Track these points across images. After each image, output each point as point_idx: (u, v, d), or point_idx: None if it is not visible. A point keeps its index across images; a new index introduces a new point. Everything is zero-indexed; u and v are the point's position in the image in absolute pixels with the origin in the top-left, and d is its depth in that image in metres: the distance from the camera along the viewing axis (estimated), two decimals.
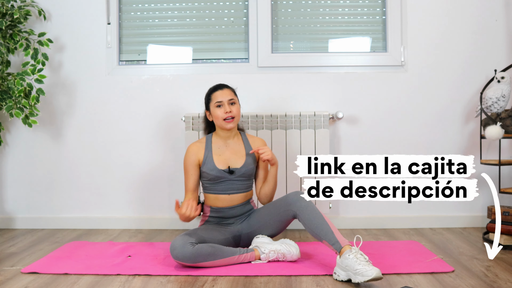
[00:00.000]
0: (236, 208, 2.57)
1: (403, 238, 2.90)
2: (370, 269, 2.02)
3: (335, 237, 2.19)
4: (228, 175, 2.53)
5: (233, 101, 2.55)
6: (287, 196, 2.43)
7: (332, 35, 3.31)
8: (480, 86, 3.15)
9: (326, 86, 3.21)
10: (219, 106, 2.53)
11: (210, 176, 2.53)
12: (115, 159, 3.25)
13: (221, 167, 2.53)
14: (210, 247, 2.29)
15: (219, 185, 2.54)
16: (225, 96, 2.54)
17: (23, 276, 2.25)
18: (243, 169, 2.55)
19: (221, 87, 2.59)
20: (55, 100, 3.26)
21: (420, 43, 3.20)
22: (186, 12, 3.33)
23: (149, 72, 3.29)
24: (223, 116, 2.51)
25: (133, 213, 3.25)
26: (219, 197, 2.55)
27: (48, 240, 2.94)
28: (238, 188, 2.56)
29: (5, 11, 2.99)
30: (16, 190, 3.29)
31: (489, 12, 3.17)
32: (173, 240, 2.28)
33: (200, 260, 2.25)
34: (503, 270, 2.26)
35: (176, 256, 2.25)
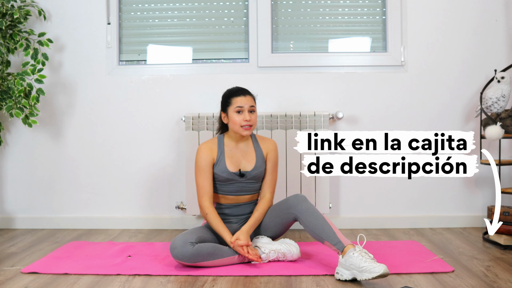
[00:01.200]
0: (241, 206, 2.57)
1: (403, 238, 2.90)
2: (377, 265, 2.02)
3: (337, 237, 2.19)
4: (239, 178, 2.51)
5: (253, 109, 2.49)
6: (288, 199, 2.43)
7: (332, 35, 3.31)
8: (480, 86, 3.15)
9: (326, 86, 3.21)
10: (239, 112, 2.46)
11: (220, 178, 2.51)
12: (115, 159, 3.25)
13: (232, 169, 2.50)
14: (210, 246, 2.29)
15: (229, 186, 2.53)
16: (247, 103, 2.47)
17: (23, 276, 2.25)
18: (254, 172, 2.52)
19: (244, 92, 2.51)
20: (55, 100, 3.26)
21: (420, 43, 3.20)
22: (186, 12, 3.33)
23: (149, 72, 3.28)
24: (241, 123, 2.45)
25: (133, 213, 3.25)
26: (227, 197, 2.56)
27: (48, 240, 2.94)
28: (247, 190, 2.55)
29: (5, 11, 2.99)
30: (16, 190, 3.29)
31: (489, 12, 3.17)
32: (173, 240, 2.28)
33: (200, 260, 2.26)
34: (503, 270, 2.26)
35: (176, 255, 2.25)
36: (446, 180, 3.19)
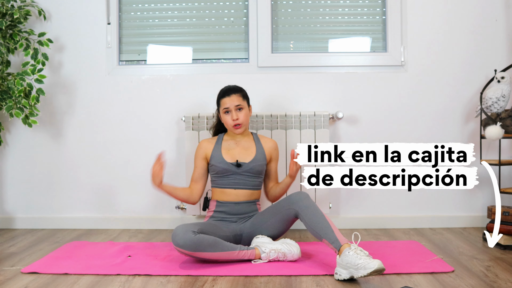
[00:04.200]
0: (241, 205, 2.59)
1: (403, 238, 2.90)
2: (372, 261, 2.02)
3: (334, 235, 2.20)
4: (236, 169, 2.58)
5: (240, 107, 2.60)
6: (290, 196, 2.44)
7: (332, 35, 3.31)
8: (480, 86, 3.15)
9: (326, 86, 3.21)
10: (227, 113, 2.61)
11: (217, 169, 2.60)
12: (115, 159, 3.25)
13: (229, 160, 2.61)
14: (211, 239, 2.30)
15: (226, 178, 2.60)
16: (231, 103, 2.59)
17: (23, 276, 2.25)
18: (251, 164, 2.60)
19: (229, 93, 2.61)
20: (55, 100, 3.26)
21: (420, 43, 3.20)
22: (186, 12, 3.33)
23: (149, 72, 3.29)
24: (231, 123, 2.61)
25: (133, 213, 3.25)
26: (225, 191, 2.59)
27: (48, 240, 2.94)
28: (244, 183, 2.60)
29: (5, 11, 2.99)
30: (16, 190, 3.29)
31: (489, 12, 3.17)
32: (176, 228, 2.30)
33: (200, 249, 2.26)
34: (503, 270, 2.26)
35: (177, 242, 2.25)
36: None
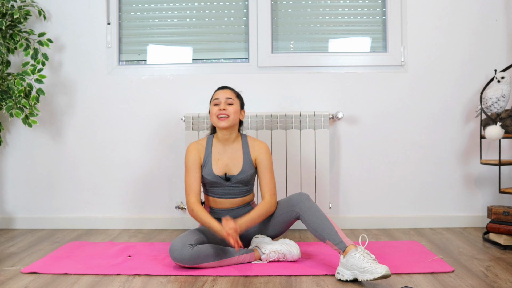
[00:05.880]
0: (235, 210, 2.55)
1: (403, 238, 2.90)
2: (379, 266, 2.01)
3: (339, 237, 2.18)
4: (224, 182, 2.50)
5: (230, 102, 2.50)
6: (290, 197, 2.42)
7: (332, 35, 3.31)
8: (480, 86, 3.15)
9: (326, 86, 3.21)
10: (216, 104, 2.50)
11: (206, 181, 2.51)
12: (115, 159, 3.25)
13: (218, 173, 2.49)
14: (209, 248, 2.28)
15: (216, 189, 2.52)
16: (223, 95, 2.51)
17: (23, 276, 2.25)
18: (240, 176, 2.50)
19: (223, 88, 2.58)
20: (55, 100, 3.26)
21: (420, 43, 3.20)
22: (186, 12, 3.33)
23: (149, 72, 3.28)
24: (216, 113, 2.47)
25: (133, 213, 3.25)
26: (217, 200, 2.53)
27: (48, 240, 2.94)
28: (235, 193, 2.52)
29: (5, 11, 2.99)
30: (16, 190, 3.29)
31: (489, 12, 3.17)
32: (172, 242, 2.28)
33: (199, 262, 2.25)
34: (503, 270, 2.26)
35: (175, 258, 2.25)
36: (446, 180, 3.19)
